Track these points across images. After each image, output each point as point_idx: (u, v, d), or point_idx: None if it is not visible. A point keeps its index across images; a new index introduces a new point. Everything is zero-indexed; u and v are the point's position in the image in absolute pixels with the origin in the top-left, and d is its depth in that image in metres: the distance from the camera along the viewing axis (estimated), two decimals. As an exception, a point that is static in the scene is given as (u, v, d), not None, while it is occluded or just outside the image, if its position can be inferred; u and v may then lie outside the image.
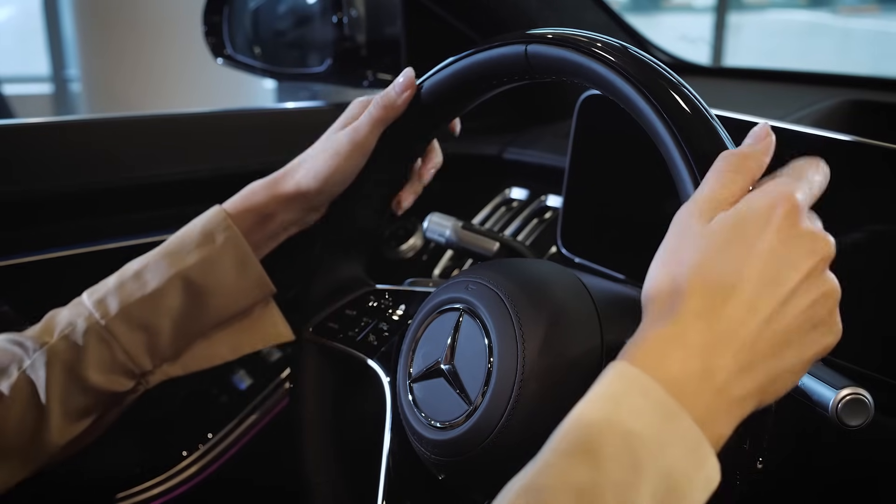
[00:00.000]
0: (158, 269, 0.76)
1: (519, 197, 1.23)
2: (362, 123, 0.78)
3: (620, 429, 0.44)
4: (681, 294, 0.48)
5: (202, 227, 0.79)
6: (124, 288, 0.76)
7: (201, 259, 0.76)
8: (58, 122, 1.23)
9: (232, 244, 0.77)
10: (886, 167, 0.71)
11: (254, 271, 0.79)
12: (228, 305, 0.78)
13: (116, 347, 0.74)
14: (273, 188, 0.80)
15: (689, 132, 0.56)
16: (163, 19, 3.63)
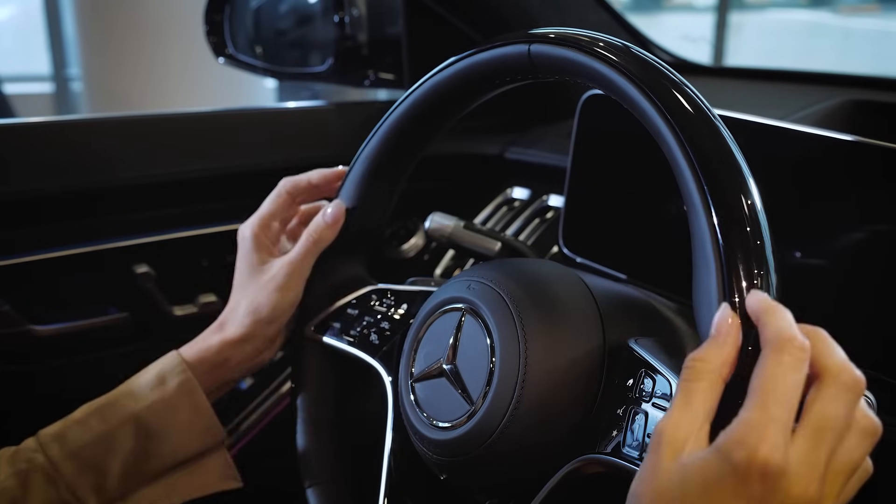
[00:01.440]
0: (113, 410, 0.76)
1: (521, 196, 1.23)
2: (297, 255, 0.81)
3: None
4: None
5: (157, 371, 0.79)
6: (76, 427, 0.75)
7: (154, 402, 0.76)
8: (58, 121, 1.23)
9: (185, 389, 0.78)
10: (887, 167, 0.71)
11: (206, 417, 0.79)
12: (179, 450, 0.78)
13: (63, 488, 0.72)
14: (222, 334, 0.82)
15: (692, 132, 0.56)
16: (164, 18, 3.63)
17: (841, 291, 0.73)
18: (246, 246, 0.85)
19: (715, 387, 0.49)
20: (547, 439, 0.63)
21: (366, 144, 0.81)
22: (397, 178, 0.83)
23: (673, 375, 0.60)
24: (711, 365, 0.49)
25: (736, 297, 0.51)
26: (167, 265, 1.17)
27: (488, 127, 1.35)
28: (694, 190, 0.55)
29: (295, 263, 0.81)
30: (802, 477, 0.44)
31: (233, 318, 0.82)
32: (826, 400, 0.46)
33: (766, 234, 0.53)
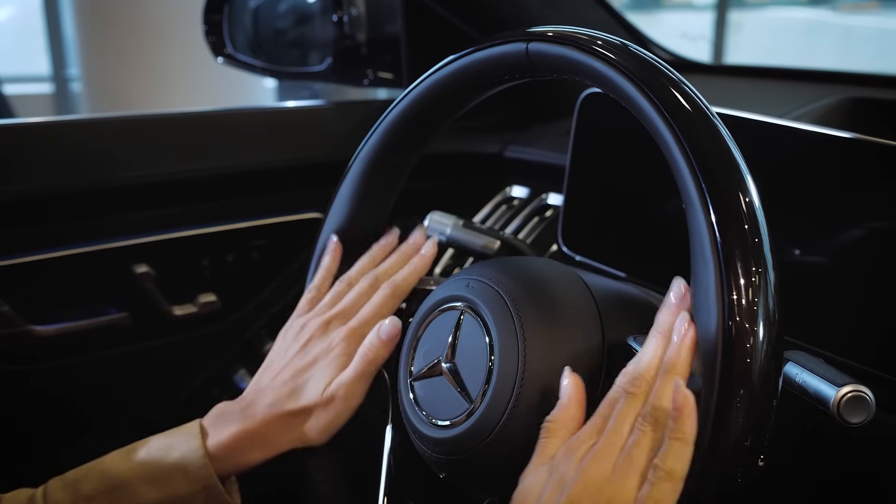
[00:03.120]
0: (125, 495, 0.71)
1: (520, 195, 1.23)
2: (352, 376, 0.75)
3: None
4: None
5: (177, 460, 0.73)
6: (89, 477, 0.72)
7: (168, 496, 0.71)
8: (58, 121, 1.23)
9: (203, 485, 0.72)
10: (886, 164, 0.71)
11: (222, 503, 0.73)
12: None
13: None
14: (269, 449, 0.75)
15: (690, 130, 0.56)
16: (163, 19, 3.63)
17: (839, 288, 0.73)
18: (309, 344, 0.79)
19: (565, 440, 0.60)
20: (546, 437, 0.63)
21: (365, 143, 0.81)
22: (396, 177, 0.83)
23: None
24: (560, 424, 0.60)
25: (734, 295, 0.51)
26: (167, 265, 1.17)
27: (487, 126, 1.35)
28: (692, 188, 0.55)
29: (350, 385, 0.75)
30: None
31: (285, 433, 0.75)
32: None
33: (764, 231, 0.53)
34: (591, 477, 0.56)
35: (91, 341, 1.14)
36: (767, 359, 0.52)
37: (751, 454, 0.52)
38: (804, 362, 0.60)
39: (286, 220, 1.25)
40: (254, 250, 1.24)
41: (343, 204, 0.83)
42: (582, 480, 0.56)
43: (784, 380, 0.59)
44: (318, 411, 0.75)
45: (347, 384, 0.75)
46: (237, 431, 0.74)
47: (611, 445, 0.57)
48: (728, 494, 0.53)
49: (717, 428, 0.52)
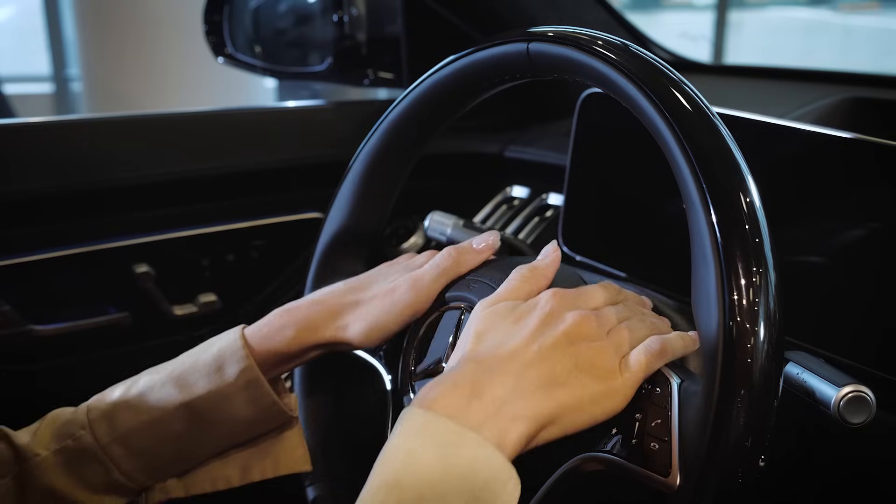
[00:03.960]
0: (163, 394, 0.69)
1: (520, 195, 1.23)
2: (427, 274, 0.71)
3: (415, 457, 0.53)
4: (463, 351, 0.61)
5: (216, 354, 0.70)
6: (126, 410, 0.70)
7: (210, 391, 0.69)
8: (58, 121, 1.23)
9: (245, 379, 0.69)
10: (886, 164, 0.71)
11: (269, 406, 0.70)
12: (238, 435, 0.72)
13: (113, 470, 0.68)
14: (308, 331, 0.71)
15: (691, 130, 0.56)
16: (164, 18, 3.63)
17: (839, 288, 0.73)
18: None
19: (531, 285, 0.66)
20: (547, 437, 0.63)
21: (365, 143, 0.81)
22: (397, 177, 0.83)
23: (672, 374, 0.60)
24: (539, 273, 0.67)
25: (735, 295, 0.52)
26: (167, 265, 1.17)
27: (487, 125, 1.35)
28: (693, 188, 0.55)
29: (419, 278, 0.72)
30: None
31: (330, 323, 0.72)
32: None
33: (765, 231, 0.53)
34: (584, 326, 0.60)
35: (91, 341, 1.14)
36: (768, 359, 0.52)
37: (752, 454, 0.52)
38: (805, 362, 0.60)
39: (286, 220, 1.25)
40: (254, 250, 1.24)
41: (343, 204, 0.83)
42: (577, 323, 0.60)
43: (785, 380, 0.59)
44: (372, 302, 0.71)
45: (417, 277, 0.71)
46: (278, 316, 0.72)
47: (607, 318, 0.62)
48: (729, 494, 0.53)
49: (717, 428, 0.52)
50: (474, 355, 0.59)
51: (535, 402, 0.56)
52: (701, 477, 0.53)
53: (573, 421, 0.58)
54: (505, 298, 0.64)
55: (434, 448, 0.53)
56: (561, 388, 0.57)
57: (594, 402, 0.58)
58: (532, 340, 0.59)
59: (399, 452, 0.53)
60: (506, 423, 0.55)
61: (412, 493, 0.51)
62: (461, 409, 0.55)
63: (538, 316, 0.61)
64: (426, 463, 0.52)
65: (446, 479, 0.52)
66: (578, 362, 0.58)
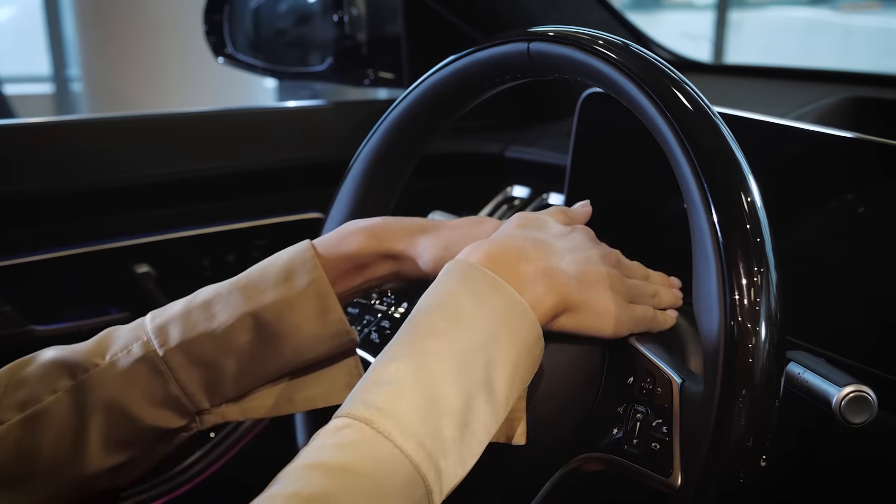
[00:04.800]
0: (230, 302, 0.67)
1: (521, 195, 1.23)
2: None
3: (455, 303, 0.57)
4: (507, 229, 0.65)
5: (285, 263, 0.68)
6: (189, 317, 0.67)
7: (278, 300, 0.67)
8: (58, 122, 1.23)
9: (315, 289, 0.67)
10: (887, 163, 0.71)
11: (335, 321, 0.68)
12: (303, 352, 0.68)
13: (171, 382, 0.65)
14: (379, 239, 0.70)
15: (692, 129, 0.56)
16: (164, 19, 3.63)
17: (840, 288, 0.73)
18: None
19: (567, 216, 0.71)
20: (547, 437, 0.63)
21: (366, 143, 0.81)
22: (397, 177, 0.83)
23: (674, 373, 0.60)
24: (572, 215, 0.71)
25: (736, 295, 0.52)
26: (168, 265, 1.17)
27: (488, 125, 1.35)
28: (694, 188, 0.55)
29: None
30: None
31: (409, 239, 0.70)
32: None
33: (766, 231, 0.53)
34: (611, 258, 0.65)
35: (92, 341, 1.14)
36: (769, 359, 0.52)
37: (753, 454, 0.52)
38: (806, 362, 0.60)
39: (287, 220, 1.25)
40: (255, 250, 1.24)
41: (344, 204, 0.83)
42: (605, 255, 0.65)
43: (786, 380, 0.59)
44: (456, 230, 0.70)
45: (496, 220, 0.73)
46: (349, 224, 0.72)
47: (625, 270, 0.67)
48: (730, 494, 0.52)
49: (719, 428, 0.52)
50: (521, 232, 0.63)
51: (570, 286, 0.61)
52: (702, 477, 0.53)
53: (585, 321, 0.62)
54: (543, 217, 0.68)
55: (472, 295, 0.57)
56: (589, 287, 0.62)
57: (607, 316, 0.62)
58: (571, 245, 0.64)
59: (438, 299, 0.57)
60: (542, 292, 0.59)
61: (447, 335, 0.55)
62: (507, 267, 0.59)
63: (574, 233, 0.66)
64: (462, 308, 0.56)
65: (481, 323, 0.55)
66: (606, 278, 0.63)
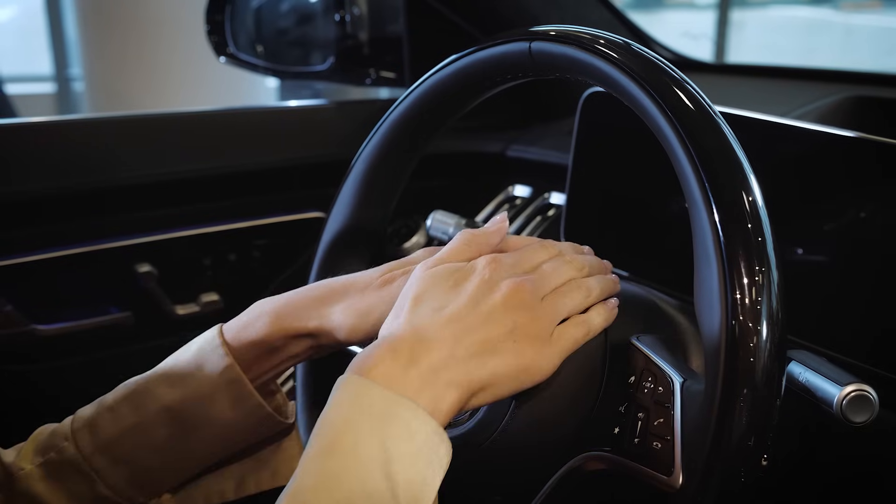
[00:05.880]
0: (145, 398, 0.66)
1: (522, 194, 1.23)
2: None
3: (352, 424, 0.53)
4: (399, 319, 0.59)
5: (195, 353, 0.67)
6: (108, 417, 0.66)
7: (190, 393, 0.66)
8: (58, 121, 1.23)
9: (226, 379, 0.66)
10: (888, 163, 0.71)
11: (254, 407, 0.67)
12: (229, 441, 0.68)
13: (98, 483, 0.65)
14: (287, 319, 0.67)
15: (693, 128, 0.56)
16: (165, 18, 3.63)
17: (842, 287, 0.73)
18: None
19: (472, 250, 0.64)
20: (549, 436, 0.63)
21: (367, 143, 0.81)
22: (399, 176, 0.83)
23: (675, 373, 0.60)
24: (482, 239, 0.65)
25: (737, 294, 0.52)
26: (169, 264, 1.17)
27: (489, 125, 1.35)
28: (695, 187, 0.55)
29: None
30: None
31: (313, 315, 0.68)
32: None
33: (768, 230, 0.53)
34: (519, 294, 0.59)
35: (93, 341, 1.14)
36: (771, 358, 0.52)
37: (754, 453, 0.52)
38: (808, 361, 0.60)
39: (288, 219, 1.25)
40: (256, 249, 1.24)
41: (345, 203, 0.83)
42: (513, 291, 0.59)
43: (787, 379, 0.59)
44: (366, 291, 0.67)
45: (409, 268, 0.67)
46: (255, 306, 0.69)
47: (544, 283, 0.61)
48: (732, 493, 0.52)
49: (720, 427, 0.52)
50: (412, 320, 0.59)
51: (470, 369, 0.57)
52: (704, 476, 0.53)
53: (503, 388, 0.58)
54: (445, 260, 0.63)
55: (369, 416, 0.53)
56: (495, 355, 0.58)
57: (524, 371, 0.59)
58: (468, 307, 0.59)
59: (336, 420, 0.53)
60: (440, 391, 0.55)
61: (349, 459, 0.51)
62: (398, 376, 0.55)
63: (475, 282, 0.60)
64: (362, 429, 0.52)
65: (381, 444, 0.52)
66: (513, 330, 0.58)
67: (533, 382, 0.59)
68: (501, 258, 0.62)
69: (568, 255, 0.65)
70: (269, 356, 0.68)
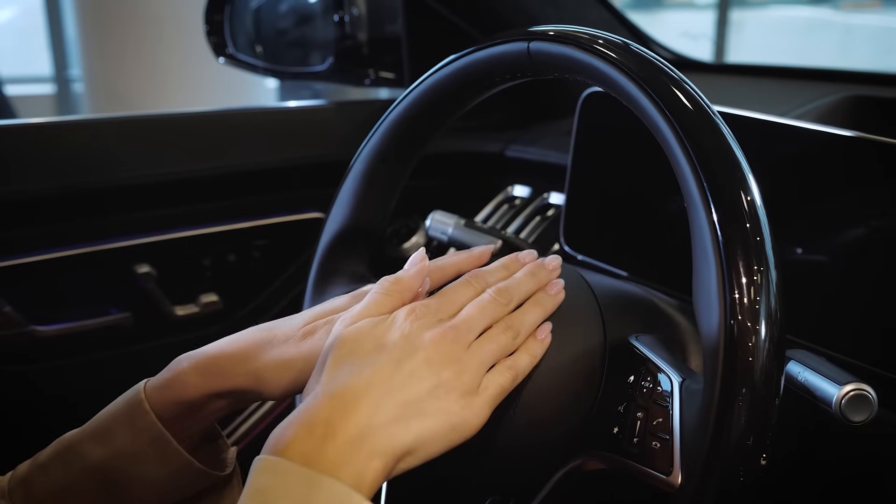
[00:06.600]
0: (74, 457, 0.64)
1: (521, 194, 1.23)
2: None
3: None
4: (317, 385, 0.57)
5: (119, 410, 0.65)
6: (41, 474, 0.64)
7: (116, 451, 0.63)
8: (58, 122, 1.23)
9: (149, 438, 0.63)
10: (888, 162, 0.71)
11: (181, 465, 0.64)
12: (161, 500, 0.65)
13: None
14: (211, 378, 0.64)
15: (692, 128, 0.56)
16: (165, 19, 3.64)
17: (841, 287, 0.73)
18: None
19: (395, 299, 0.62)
20: (548, 436, 0.63)
21: (366, 143, 0.81)
22: (398, 177, 0.83)
23: (674, 372, 0.60)
24: (403, 286, 0.63)
25: (736, 294, 0.52)
26: (169, 265, 1.17)
27: (488, 125, 1.35)
28: (694, 187, 0.55)
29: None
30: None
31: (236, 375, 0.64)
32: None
33: (766, 230, 0.53)
34: (443, 346, 0.58)
35: (93, 342, 1.14)
36: (769, 357, 0.52)
37: (753, 453, 0.52)
38: (806, 361, 0.60)
39: (288, 219, 1.25)
40: (255, 250, 1.24)
41: (344, 204, 0.83)
42: (436, 344, 0.57)
43: (786, 378, 0.59)
44: (287, 344, 0.64)
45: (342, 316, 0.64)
46: (179, 361, 0.65)
47: (468, 329, 0.59)
48: (731, 493, 0.52)
49: (719, 426, 0.52)
50: (329, 388, 0.56)
51: (392, 435, 0.54)
52: (703, 476, 0.53)
53: (430, 450, 0.56)
54: (364, 315, 0.60)
55: (290, 498, 0.51)
56: (419, 417, 0.56)
57: (452, 429, 0.57)
58: (390, 367, 0.56)
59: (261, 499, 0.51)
60: (362, 463, 0.53)
61: None
62: (315, 452, 0.52)
63: (395, 338, 0.58)
64: None
65: None
66: (436, 388, 0.57)
67: (462, 439, 0.57)
68: (422, 307, 0.60)
69: (491, 290, 0.62)
70: (195, 412, 0.65)
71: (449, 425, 0.56)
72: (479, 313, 0.61)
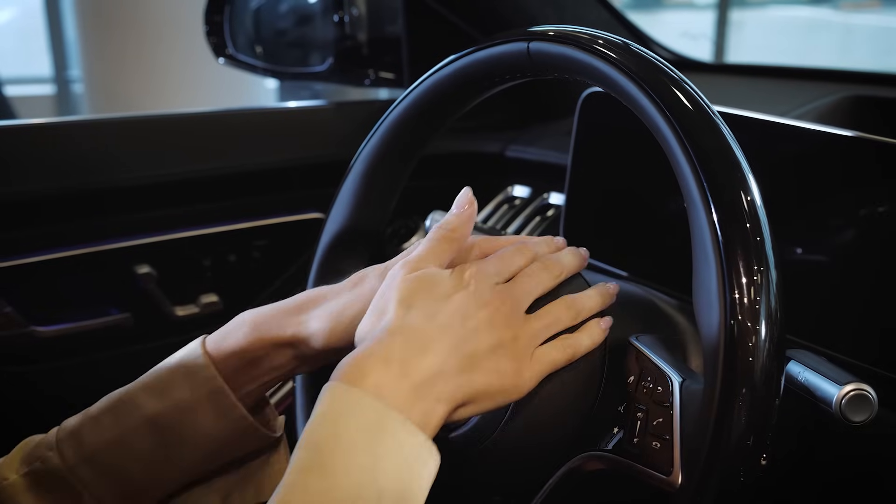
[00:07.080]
0: (129, 409, 0.65)
1: (521, 195, 1.23)
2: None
3: (342, 439, 0.52)
4: (385, 320, 0.58)
5: (177, 364, 0.66)
6: (92, 427, 0.65)
7: (173, 404, 0.64)
8: (58, 122, 1.24)
9: (208, 391, 0.65)
10: (887, 162, 0.71)
11: (238, 420, 0.65)
12: (214, 454, 0.66)
13: (84, 493, 0.64)
14: (265, 328, 0.66)
15: (691, 128, 0.56)
16: (165, 19, 3.64)
17: (841, 287, 0.73)
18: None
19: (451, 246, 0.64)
20: (548, 437, 0.63)
21: (366, 143, 0.81)
22: (398, 177, 0.83)
23: (674, 372, 0.60)
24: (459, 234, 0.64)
25: (736, 294, 0.52)
26: (169, 266, 1.17)
27: (488, 125, 1.35)
28: (693, 187, 0.55)
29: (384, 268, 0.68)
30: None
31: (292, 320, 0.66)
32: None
33: (766, 230, 0.53)
34: (503, 309, 0.59)
35: (93, 342, 1.14)
36: (770, 357, 0.52)
37: (753, 453, 0.52)
38: (806, 361, 0.60)
39: (288, 220, 1.25)
40: (256, 250, 1.24)
41: (344, 204, 0.83)
42: (497, 306, 0.59)
43: (786, 378, 0.59)
44: (339, 295, 0.66)
45: (388, 265, 0.67)
46: (237, 317, 0.68)
47: (526, 294, 0.61)
48: (731, 493, 0.53)
49: (719, 426, 0.52)
50: (400, 325, 0.57)
51: (458, 385, 0.56)
52: (703, 475, 0.53)
53: (482, 405, 0.58)
54: (428, 261, 0.62)
55: (360, 430, 0.52)
56: (479, 372, 0.57)
57: (502, 390, 0.58)
58: (458, 320, 0.58)
59: (325, 434, 0.52)
60: (431, 405, 0.55)
61: (338, 475, 0.51)
62: (390, 389, 0.54)
63: (460, 294, 0.59)
64: (352, 444, 0.52)
65: (371, 459, 0.51)
66: (497, 348, 0.58)
67: (507, 402, 0.60)
68: (484, 268, 0.62)
69: (541, 261, 0.64)
70: (251, 367, 0.67)
71: (500, 386, 0.58)
72: (535, 281, 0.62)
